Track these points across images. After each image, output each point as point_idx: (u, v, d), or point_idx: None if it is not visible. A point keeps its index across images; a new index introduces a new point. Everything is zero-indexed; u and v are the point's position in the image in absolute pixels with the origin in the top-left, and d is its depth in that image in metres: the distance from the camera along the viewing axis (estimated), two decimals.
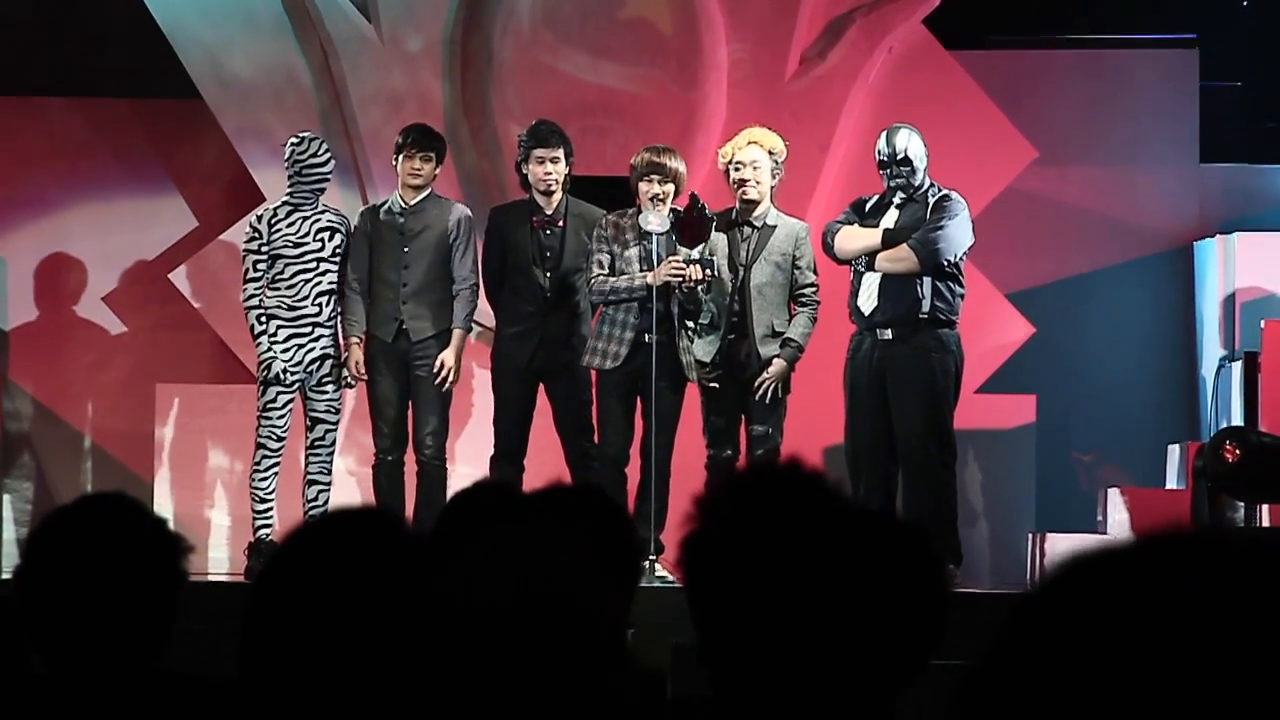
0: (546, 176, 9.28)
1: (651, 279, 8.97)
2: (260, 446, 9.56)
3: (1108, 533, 10.11)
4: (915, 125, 9.14)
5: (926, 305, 8.93)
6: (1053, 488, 10.95)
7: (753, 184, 9.09)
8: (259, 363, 9.55)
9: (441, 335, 9.45)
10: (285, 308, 9.51)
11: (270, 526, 9.55)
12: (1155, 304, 11.40)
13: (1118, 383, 11.34)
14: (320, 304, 9.52)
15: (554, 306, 9.35)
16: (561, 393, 9.35)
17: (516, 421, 9.33)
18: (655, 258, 9.01)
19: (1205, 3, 11.52)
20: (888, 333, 8.96)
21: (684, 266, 8.89)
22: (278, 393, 9.50)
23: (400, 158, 9.51)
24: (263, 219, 9.60)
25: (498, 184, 10.64)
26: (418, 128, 9.60)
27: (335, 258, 9.53)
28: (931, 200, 9.03)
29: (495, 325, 9.58)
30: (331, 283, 9.53)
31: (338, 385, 9.59)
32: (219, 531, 10.68)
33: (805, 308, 9.15)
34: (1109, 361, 11.36)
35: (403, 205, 9.51)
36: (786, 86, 10.88)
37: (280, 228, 9.54)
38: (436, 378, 9.39)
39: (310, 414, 9.58)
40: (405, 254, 9.47)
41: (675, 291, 8.99)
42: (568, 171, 9.35)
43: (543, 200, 9.35)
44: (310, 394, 9.57)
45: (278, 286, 9.52)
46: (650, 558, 8.82)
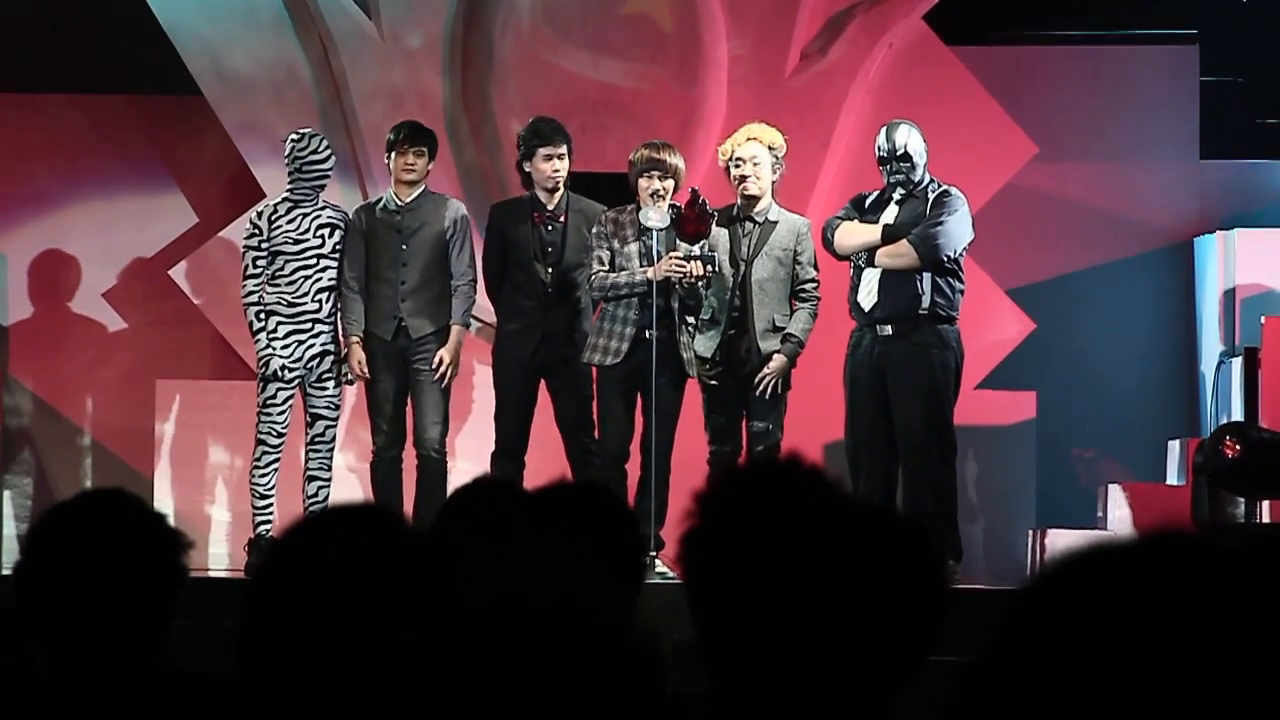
0: (554, 174, 9.27)
1: (652, 274, 8.96)
2: (260, 443, 9.56)
3: (1108, 529, 10.11)
4: (915, 121, 9.13)
5: (926, 301, 8.93)
6: (1053, 484, 10.95)
7: (753, 179, 9.08)
8: (258, 359, 9.55)
9: (440, 332, 9.44)
10: (285, 304, 9.50)
11: (270, 523, 9.54)
12: (1155, 300, 11.39)
13: (1118, 378, 11.33)
14: (320, 300, 9.51)
15: (555, 302, 9.34)
16: (562, 389, 9.34)
17: (517, 418, 9.32)
18: (655, 254, 9.01)
19: None
20: (888, 329, 8.96)
21: (685, 262, 8.88)
22: (278, 389, 9.50)
23: (393, 155, 9.50)
24: (263, 215, 9.59)
25: (498, 180, 10.64)
26: (408, 124, 9.59)
27: (335, 254, 9.52)
28: (931, 196, 9.02)
29: (496, 322, 9.57)
30: (332, 279, 9.52)
31: (338, 382, 9.58)
32: (219, 527, 10.68)
33: (806, 303, 9.14)
34: (1109, 357, 11.35)
35: (398, 203, 9.49)
36: (787, 83, 10.88)
37: (280, 224, 9.53)
38: (436, 374, 9.39)
39: (310, 410, 9.58)
40: (403, 251, 9.46)
41: (676, 287, 8.99)
42: (569, 167, 9.35)
43: (544, 196, 9.34)
44: (310, 390, 9.56)
45: (278, 283, 9.52)
46: (650, 554, 8.82)
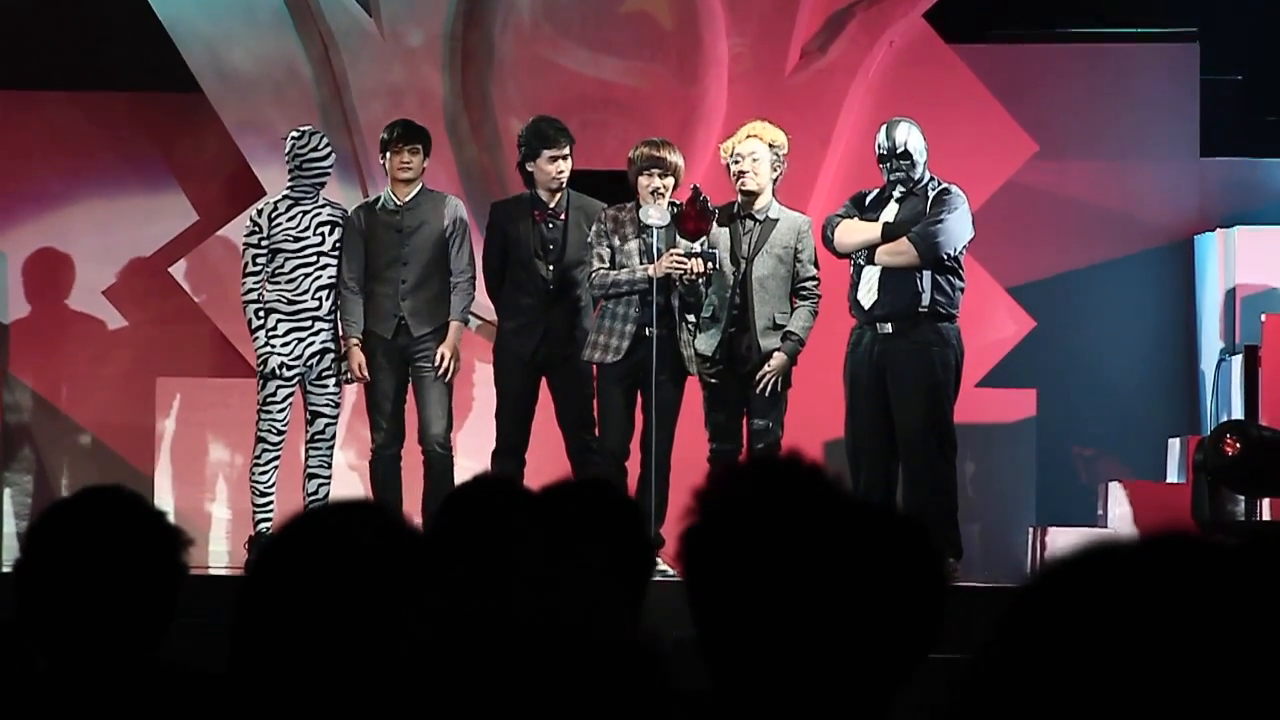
0: (559, 174, 9.27)
1: (653, 271, 8.96)
2: (260, 440, 9.56)
3: (1108, 527, 10.11)
4: (915, 119, 9.13)
5: (926, 299, 8.92)
6: (1053, 482, 10.95)
7: (751, 176, 9.07)
8: (257, 357, 9.55)
9: (440, 329, 9.44)
10: (285, 302, 9.50)
11: (270, 520, 9.53)
12: (1156, 298, 11.39)
13: (1118, 377, 11.34)
14: (320, 298, 9.51)
15: (556, 300, 9.34)
16: (563, 386, 9.34)
17: (518, 416, 9.32)
18: (655, 251, 9.00)
19: None
20: (888, 326, 8.95)
21: (685, 259, 8.88)
22: (277, 386, 9.50)
23: (388, 154, 9.49)
24: (263, 213, 9.59)
25: (498, 178, 10.64)
26: (401, 122, 9.59)
27: (335, 252, 9.52)
28: (931, 194, 9.02)
29: (497, 320, 9.56)
30: (331, 277, 9.52)
31: (338, 380, 9.58)
32: (219, 525, 10.69)
33: (806, 301, 9.13)
34: (1109, 356, 11.36)
35: (397, 202, 9.49)
36: (787, 81, 10.87)
37: (280, 222, 9.53)
38: (438, 372, 9.39)
39: (310, 408, 9.58)
40: (403, 250, 9.45)
41: (677, 284, 8.98)
42: (572, 167, 9.35)
43: (545, 195, 9.33)
44: (310, 388, 9.56)
45: (278, 281, 9.52)
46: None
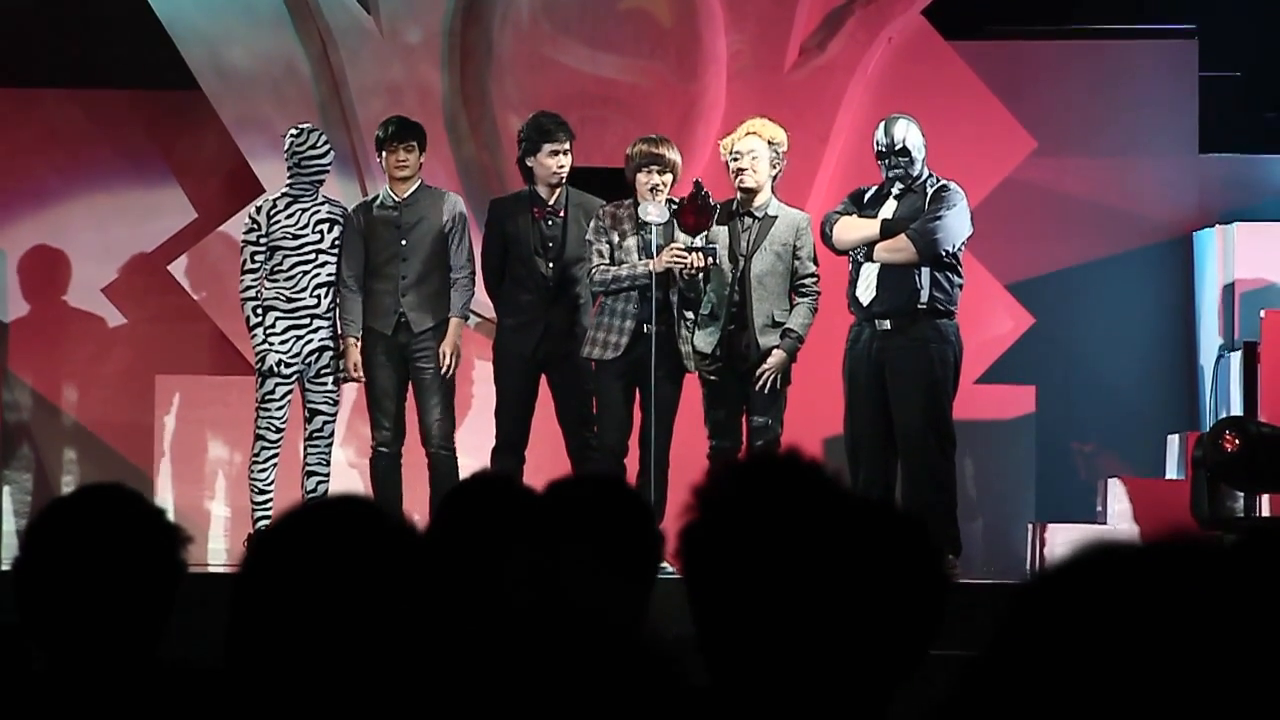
0: (560, 169, 9.26)
1: (654, 265, 8.95)
2: (259, 438, 9.55)
3: (1108, 523, 10.11)
4: (914, 116, 9.12)
5: (925, 296, 8.92)
6: (1052, 478, 10.95)
7: (749, 173, 9.06)
8: (255, 354, 9.55)
9: (441, 326, 9.44)
10: (284, 299, 9.50)
11: (269, 518, 9.53)
12: (1155, 294, 11.40)
13: (1117, 373, 11.34)
14: (319, 296, 9.51)
15: (556, 297, 9.33)
16: (563, 384, 9.33)
17: (518, 413, 9.31)
18: (654, 248, 8.99)
19: None
20: (886, 323, 8.95)
21: (686, 253, 8.87)
22: (276, 384, 9.49)
23: (384, 153, 9.50)
24: (262, 210, 9.59)
25: (497, 175, 10.64)
26: (394, 120, 9.59)
27: (334, 249, 9.52)
28: (930, 191, 9.02)
29: (496, 318, 9.56)
30: (330, 274, 9.51)
31: (336, 378, 9.57)
32: (218, 523, 10.69)
33: (805, 298, 9.13)
34: (1108, 352, 11.36)
35: (395, 199, 9.49)
36: (785, 78, 10.87)
37: (279, 219, 9.53)
38: (439, 371, 9.38)
39: (309, 406, 9.58)
40: (403, 246, 9.45)
41: (678, 278, 8.97)
42: (572, 162, 9.34)
43: (545, 191, 9.33)
44: (309, 386, 9.56)
45: (276, 278, 9.51)
46: None
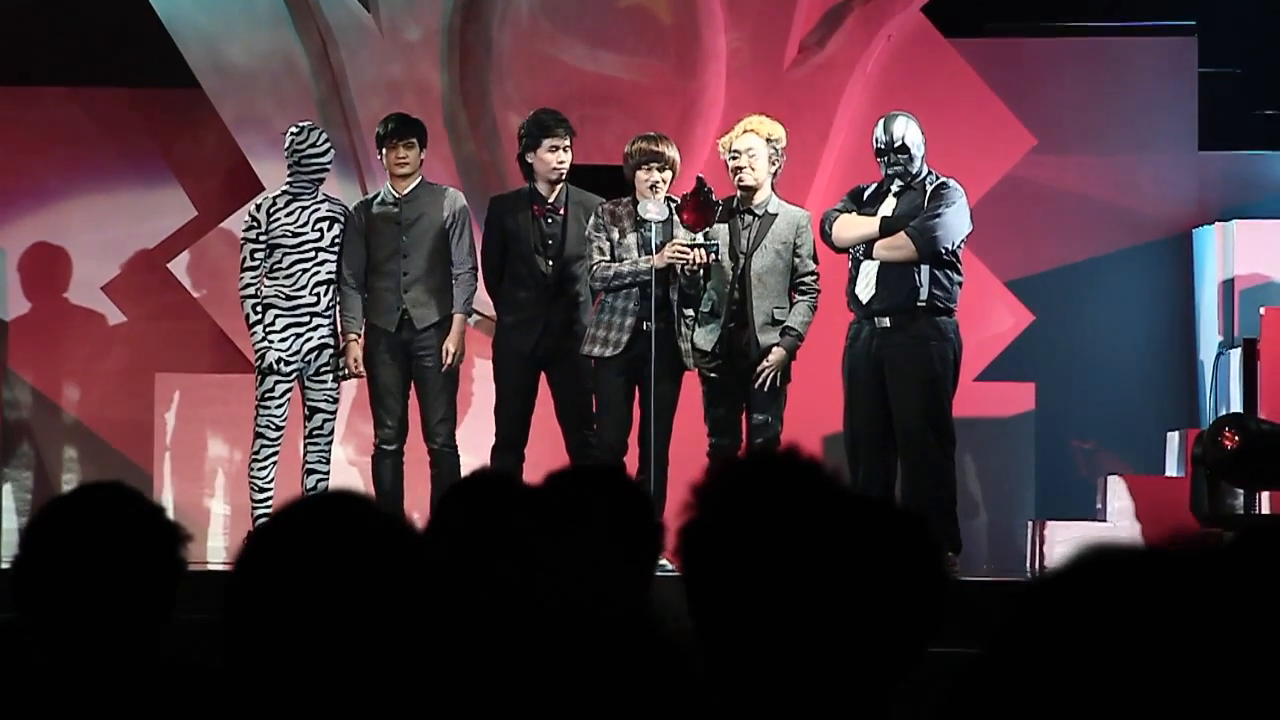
0: (560, 165, 9.25)
1: (656, 261, 8.94)
2: (259, 436, 9.55)
3: (1108, 520, 10.11)
4: (913, 113, 9.12)
5: (924, 293, 8.92)
6: (1052, 475, 10.95)
7: (748, 170, 9.06)
8: (254, 352, 9.55)
9: (443, 322, 9.43)
10: (283, 297, 9.50)
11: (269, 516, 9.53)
12: (1154, 291, 11.39)
13: (1117, 370, 11.34)
14: (318, 294, 9.51)
15: (556, 295, 9.33)
16: (563, 382, 9.33)
17: (518, 411, 9.31)
18: (653, 246, 8.99)
19: None
20: (886, 321, 8.95)
21: (688, 249, 8.87)
22: (276, 382, 9.50)
23: (384, 150, 9.50)
24: (261, 208, 9.59)
25: (496, 173, 10.63)
26: (394, 117, 9.59)
27: (334, 247, 9.52)
28: (929, 188, 9.02)
29: (496, 315, 9.55)
30: (330, 272, 9.52)
31: (336, 375, 9.57)
32: (218, 521, 10.69)
33: (805, 296, 9.13)
34: (1108, 349, 11.36)
35: (395, 195, 9.49)
36: (785, 75, 10.87)
37: (279, 217, 9.53)
38: (442, 366, 9.38)
39: (308, 403, 9.57)
40: (404, 243, 9.45)
41: (679, 275, 8.96)
42: (572, 159, 9.34)
43: (544, 188, 9.32)
44: (308, 384, 9.56)
45: (276, 276, 9.52)
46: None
